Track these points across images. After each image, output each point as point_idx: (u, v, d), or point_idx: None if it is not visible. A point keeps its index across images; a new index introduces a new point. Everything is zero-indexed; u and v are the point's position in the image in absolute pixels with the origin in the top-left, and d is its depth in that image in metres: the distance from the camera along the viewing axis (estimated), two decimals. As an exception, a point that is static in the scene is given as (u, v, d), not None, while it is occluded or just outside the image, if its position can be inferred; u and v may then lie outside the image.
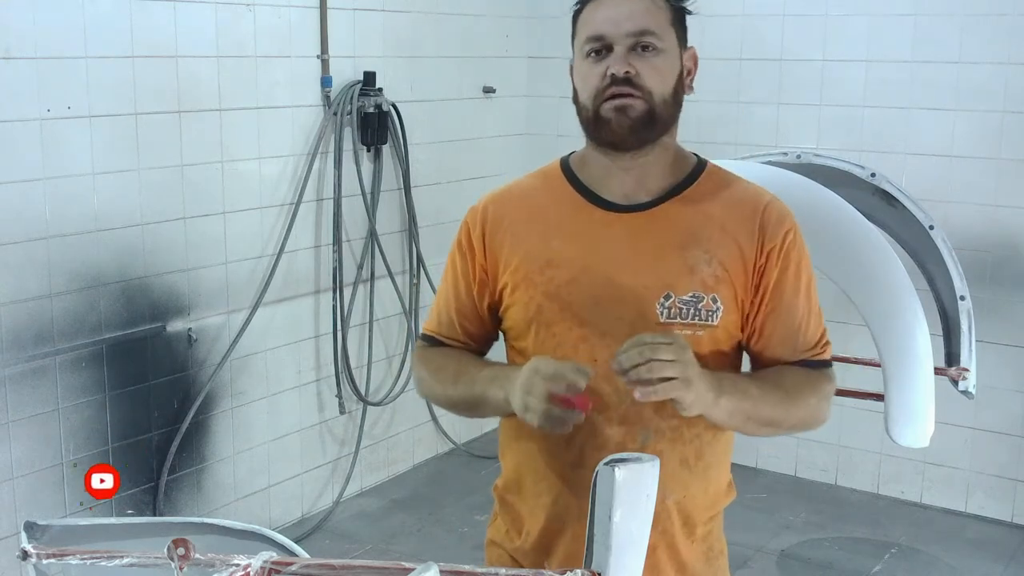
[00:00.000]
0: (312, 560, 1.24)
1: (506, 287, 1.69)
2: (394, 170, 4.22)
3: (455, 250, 1.76)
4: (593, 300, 1.62)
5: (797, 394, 1.65)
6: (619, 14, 1.59)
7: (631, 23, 1.58)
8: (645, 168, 1.65)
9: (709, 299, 1.60)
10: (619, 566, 1.23)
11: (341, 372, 4.10)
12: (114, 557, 1.26)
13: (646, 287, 1.60)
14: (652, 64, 1.59)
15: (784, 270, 1.64)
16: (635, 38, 1.58)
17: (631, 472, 1.25)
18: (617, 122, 1.59)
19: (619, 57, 1.58)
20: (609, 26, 1.59)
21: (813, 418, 1.69)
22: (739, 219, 1.64)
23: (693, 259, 1.61)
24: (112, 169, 3.24)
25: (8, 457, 3.07)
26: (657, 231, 1.63)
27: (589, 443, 1.62)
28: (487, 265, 1.71)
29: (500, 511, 1.80)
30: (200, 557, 1.20)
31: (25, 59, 2.99)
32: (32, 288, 3.07)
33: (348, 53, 3.96)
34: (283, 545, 1.37)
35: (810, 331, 1.68)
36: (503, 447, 1.78)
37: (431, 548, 3.86)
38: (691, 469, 1.66)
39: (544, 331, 1.64)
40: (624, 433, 1.62)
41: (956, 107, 4.01)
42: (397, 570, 1.18)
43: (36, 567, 1.32)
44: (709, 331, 1.61)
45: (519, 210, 1.71)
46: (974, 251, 3.91)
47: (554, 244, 1.65)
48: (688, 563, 1.70)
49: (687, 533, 1.69)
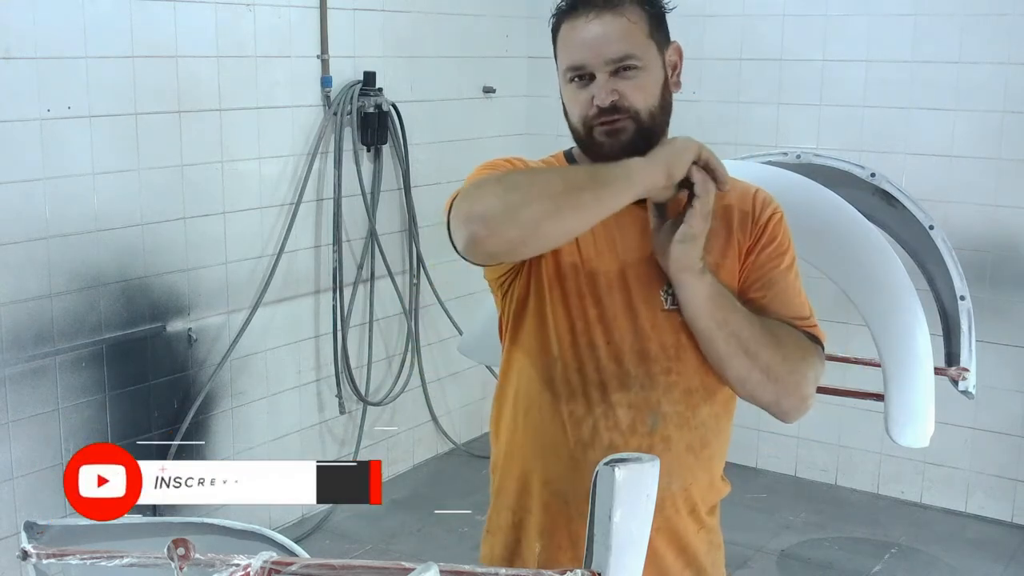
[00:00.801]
0: (312, 560, 1.24)
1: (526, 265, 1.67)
2: (394, 170, 4.22)
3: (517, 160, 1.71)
4: (609, 283, 1.65)
5: (783, 339, 1.63)
6: (596, 40, 1.58)
7: (609, 50, 1.58)
8: None
9: None
10: (619, 566, 1.23)
11: (341, 372, 4.10)
12: (114, 557, 1.26)
13: (651, 276, 1.65)
14: (635, 84, 1.60)
15: (771, 242, 1.69)
16: (615, 64, 1.59)
17: (631, 472, 1.25)
18: (610, 145, 1.61)
19: (602, 86, 1.59)
20: (588, 55, 1.59)
21: (793, 376, 1.63)
22: (731, 207, 1.69)
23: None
24: (112, 169, 3.24)
25: (8, 457, 3.07)
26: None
27: (602, 423, 1.64)
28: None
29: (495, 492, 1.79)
30: (200, 557, 1.20)
31: (25, 59, 2.99)
32: (32, 288, 3.07)
33: (348, 53, 3.96)
34: (283, 545, 1.37)
35: (799, 304, 1.69)
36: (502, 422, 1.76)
37: (431, 548, 3.86)
38: (697, 456, 1.69)
39: (574, 299, 1.65)
40: (633, 416, 1.64)
41: (956, 107, 4.01)
42: (397, 570, 1.18)
43: (36, 567, 1.32)
44: None
45: None
46: (974, 251, 3.91)
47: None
48: (689, 549, 1.72)
49: (691, 520, 1.72)
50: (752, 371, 1.61)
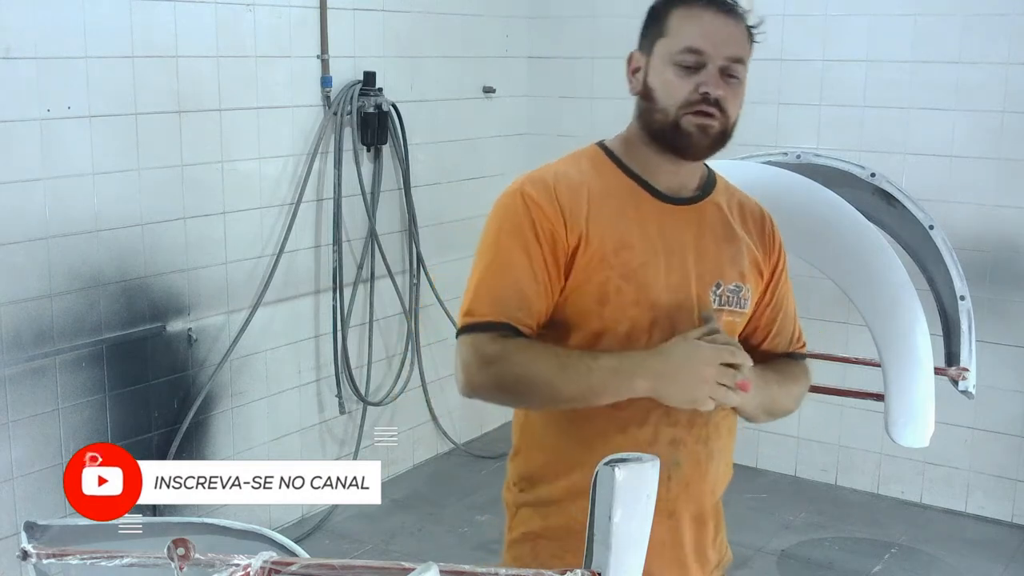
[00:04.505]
0: (312, 560, 1.24)
1: (583, 265, 1.65)
2: (394, 170, 4.22)
3: (525, 229, 1.64)
4: (662, 285, 1.67)
5: (795, 384, 1.84)
6: (720, 34, 1.64)
7: (730, 48, 1.65)
8: (691, 170, 1.75)
9: (746, 288, 1.75)
10: (619, 566, 1.23)
11: (341, 372, 4.10)
12: (114, 557, 1.26)
13: (700, 275, 1.70)
14: (734, 91, 1.67)
15: (783, 269, 1.83)
16: (729, 62, 1.65)
17: (631, 472, 1.25)
18: (697, 137, 1.65)
19: (715, 78, 1.64)
20: (709, 44, 1.64)
21: (794, 407, 1.85)
22: (752, 221, 1.80)
23: (733, 252, 1.74)
24: (112, 169, 3.24)
25: (8, 457, 3.07)
26: (704, 224, 1.74)
27: (663, 420, 1.69)
28: (570, 243, 1.65)
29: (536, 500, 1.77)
30: (200, 557, 1.20)
31: (25, 59, 2.99)
32: (32, 288, 3.07)
33: (348, 53, 3.96)
34: (283, 545, 1.37)
35: (798, 324, 1.88)
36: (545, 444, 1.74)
37: (431, 548, 3.86)
38: (733, 438, 1.82)
39: (619, 313, 1.65)
40: (692, 408, 1.65)
41: (956, 107, 4.01)
42: (397, 570, 1.18)
43: (36, 567, 1.32)
44: (743, 317, 1.77)
45: (587, 189, 1.69)
46: (974, 251, 3.91)
47: (623, 226, 1.67)
48: (718, 521, 1.85)
49: (711, 497, 1.80)
50: (772, 419, 1.83)
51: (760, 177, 2.70)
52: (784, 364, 1.83)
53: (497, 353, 1.61)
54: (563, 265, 1.65)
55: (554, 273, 1.65)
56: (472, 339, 1.64)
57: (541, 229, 1.64)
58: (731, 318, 1.73)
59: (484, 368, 1.62)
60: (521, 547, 1.79)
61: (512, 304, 1.64)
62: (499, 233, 1.66)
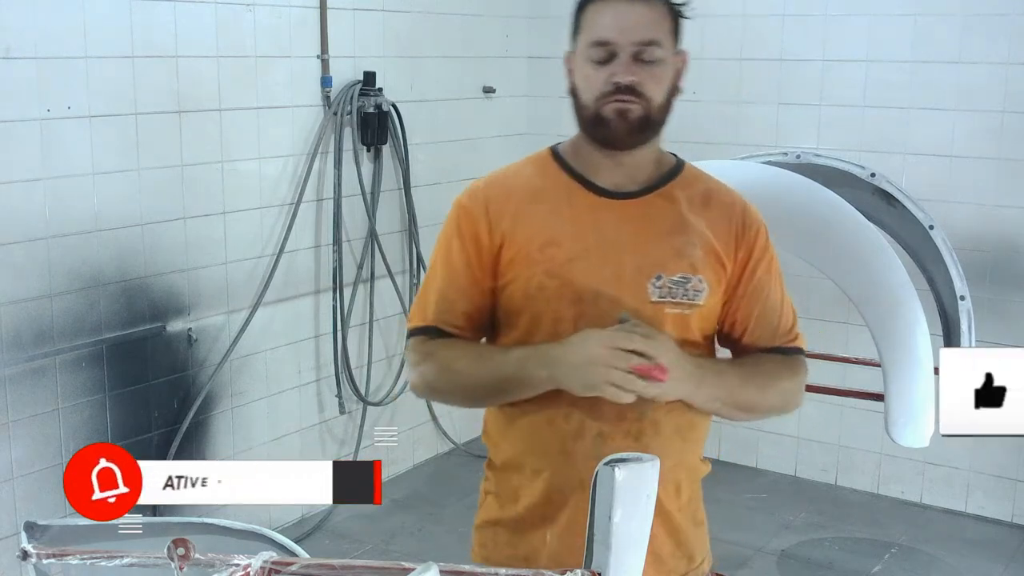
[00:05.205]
0: (312, 560, 1.24)
1: (508, 264, 1.71)
2: (394, 170, 4.22)
3: (452, 236, 1.75)
4: (590, 279, 1.68)
5: (775, 378, 1.77)
6: (626, 21, 1.64)
7: (638, 33, 1.63)
8: (635, 163, 1.73)
9: (696, 280, 1.70)
10: (619, 566, 1.23)
11: (341, 372, 4.10)
12: (114, 557, 1.26)
13: (639, 268, 1.68)
14: (652, 73, 1.65)
15: (759, 260, 1.76)
16: (640, 47, 1.63)
17: (631, 472, 1.25)
18: (616, 124, 1.66)
19: (624, 65, 1.64)
20: (616, 33, 1.63)
21: (787, 403, 1.80)
22: (719, 212, 1.75)
23: (681, 243, 1.71)
24: (112, 169, 3.24)
25: (8, 457, 3.07)
26: (647, 218, 1.72)
27: (588, 414, 1.68)
28: (493, 243, 1.72)
29: (496, 489, 1.83)
30: (200, 557, 1.20)
31: (25, 59, 2.99)
32: (32, 288, 3.07)
33: (348, 53, 3.96)
34: (283, 545, 1.37)
35: (785, 317, 1.80)
36: (497, 434, 1.80)
37: (431, 548, 3.86)
38: (684, 439, 1.74)
39: (543, 306, 1.68)
40: (624, 404, 1.64)
41: (956, 107, 4.01)
42: (397, 570, 1.18)
43: (36, 567, 1.32)
44: (696, 310, 1.71)
45: (518, 191, 1.75)
46: (974, 251, 3.91)
47: (552, 224, 1.70)
48: (678, 526, 1.78)
49: (676, 499, 1.77)
50: (753, 415, 1.79)
51: (760, 177, 2.70)
52: (759, 358, 1.77)
53: (425, 353, 1.75)
54: (488, 265, 1.72)
55: (479, 274, 1.72)
56: (408, 343, 1.80)
57: (467, 233, 1.73)
58: (677, 310, 1.69)
59: (414, 368, 1.78)
60: (483, 532, 1.88)
61: (439, 307, 1.75)
62: (437, 244, 1.79)
